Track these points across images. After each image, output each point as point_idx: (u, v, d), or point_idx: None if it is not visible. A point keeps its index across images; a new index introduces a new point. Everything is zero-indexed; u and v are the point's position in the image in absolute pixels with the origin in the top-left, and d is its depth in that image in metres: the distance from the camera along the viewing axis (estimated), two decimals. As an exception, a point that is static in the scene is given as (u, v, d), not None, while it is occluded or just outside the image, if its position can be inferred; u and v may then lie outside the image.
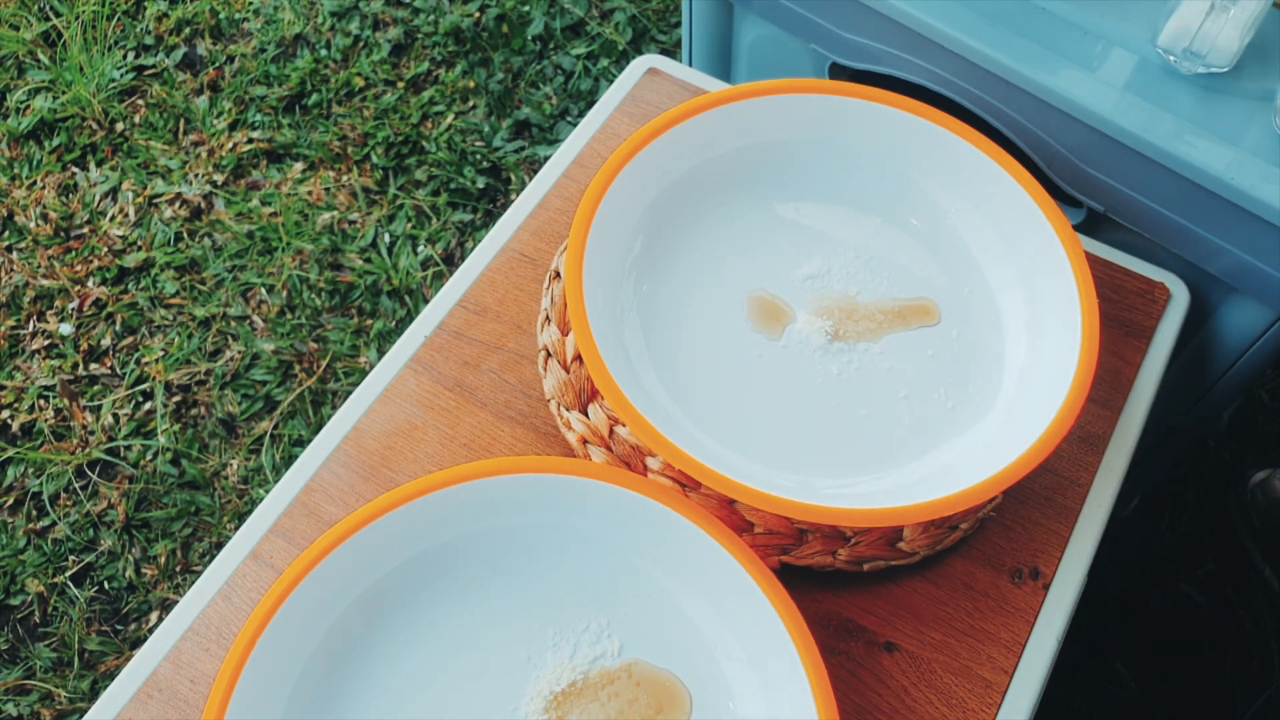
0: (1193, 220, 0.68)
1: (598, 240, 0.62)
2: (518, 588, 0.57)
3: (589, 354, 0.57)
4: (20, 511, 1.27)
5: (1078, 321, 0.59)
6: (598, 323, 0.59)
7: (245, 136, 1.55)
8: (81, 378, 1.37)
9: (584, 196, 0.63)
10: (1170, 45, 0.69)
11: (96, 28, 1.66)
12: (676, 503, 0.55)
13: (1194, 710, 1.12)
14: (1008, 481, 0.54)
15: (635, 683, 0.55)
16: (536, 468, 0.55)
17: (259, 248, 1.45)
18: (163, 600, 1.22)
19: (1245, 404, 1.31)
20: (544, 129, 1.56)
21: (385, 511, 0.54)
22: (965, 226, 0.67)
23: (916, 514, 0.53)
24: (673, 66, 0.78)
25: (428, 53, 1.63)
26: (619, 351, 0.61)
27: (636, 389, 0.59)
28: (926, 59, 0.74)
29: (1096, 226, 0.75)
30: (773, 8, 0.82)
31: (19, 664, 1.19)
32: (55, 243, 1.47)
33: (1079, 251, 0.61)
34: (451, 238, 1.46)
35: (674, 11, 1.65)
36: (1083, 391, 0.57)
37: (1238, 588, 1.18)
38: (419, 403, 0.65)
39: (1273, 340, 0.72)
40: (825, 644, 0.58)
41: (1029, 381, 0.61)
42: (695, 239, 0.67)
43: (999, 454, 0.57)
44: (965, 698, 0.56)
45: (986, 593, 0.59)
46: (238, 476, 1.29)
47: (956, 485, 0.55)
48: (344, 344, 1.38)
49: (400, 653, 0.55)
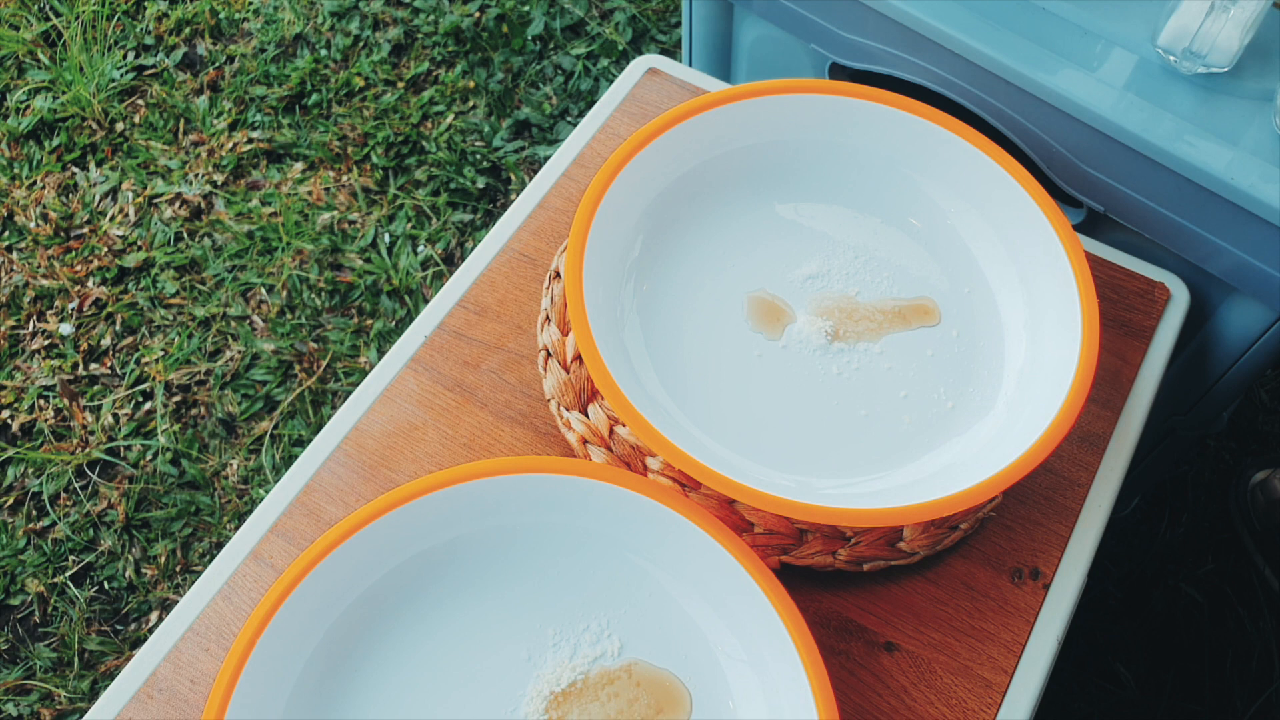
0: (1193, 220, 0.68)
1: (598, 240, 0.62)
2: (517, 588, 0.57)
3: (589, 354, 0.57)
4: (20, 511, 1.27)
5: (1078, 321, 0.59)
6: (598, 323, 0.59)
7: (245, 136, 1.55)
8: (81, 378, 1.37)
9: (584, 196, 0.63)
10: (1170, 45, 0.69)
11: (96, 28, 1.66)
12: (676, 503, 0.55)
13: (1194, 710, 1.12)
14: (1008, 482, 0.54)
15: (635, 683, 0.55)
16: (536, 468, 0.55)
17: (259, 248, 1.45)
18: (163, 600, 1.22)
19: (1245, 404, 1.31)
20: (544, 129, 1.56)
21: (385, 511, 0.54)
22: (965, 227, 0.67)
23: (917, 514, 0.53)
24: (673, 66, 0.78)
25: (428, 53, 1.63)
26: (619, 351, 0.61)
27: (636, 389, 0.59)
28: (926, 59, 0.74)
29: (1096, 226, 0.75)
30: (773, 8, 0.82)
31: (19, 664, 1.19)
32: (55, 243, 1.47)
33: (1079, 251, 0.61)
34: (451, 238, 1.46)
35: (674, 11, 1.65)
36: (1083, 391, 0.57)
37: (1238, 588, 1.18)
38: (419, 403, 0.65)
39: (1273, 340, 0.72)
40: (825, 644, 0.58)
41: (1029, 381, 0.61)
42: (695, 239, 0.67)
43: (999, 454, 0.57)
44: (965, 698, 0.56)
45: (986, 593, 0.59)
46: (238, 476, 1.29)
47: (956, 485, 0.55)
48: (344, 344, 1.38)
49: (400, 653, 0.55)
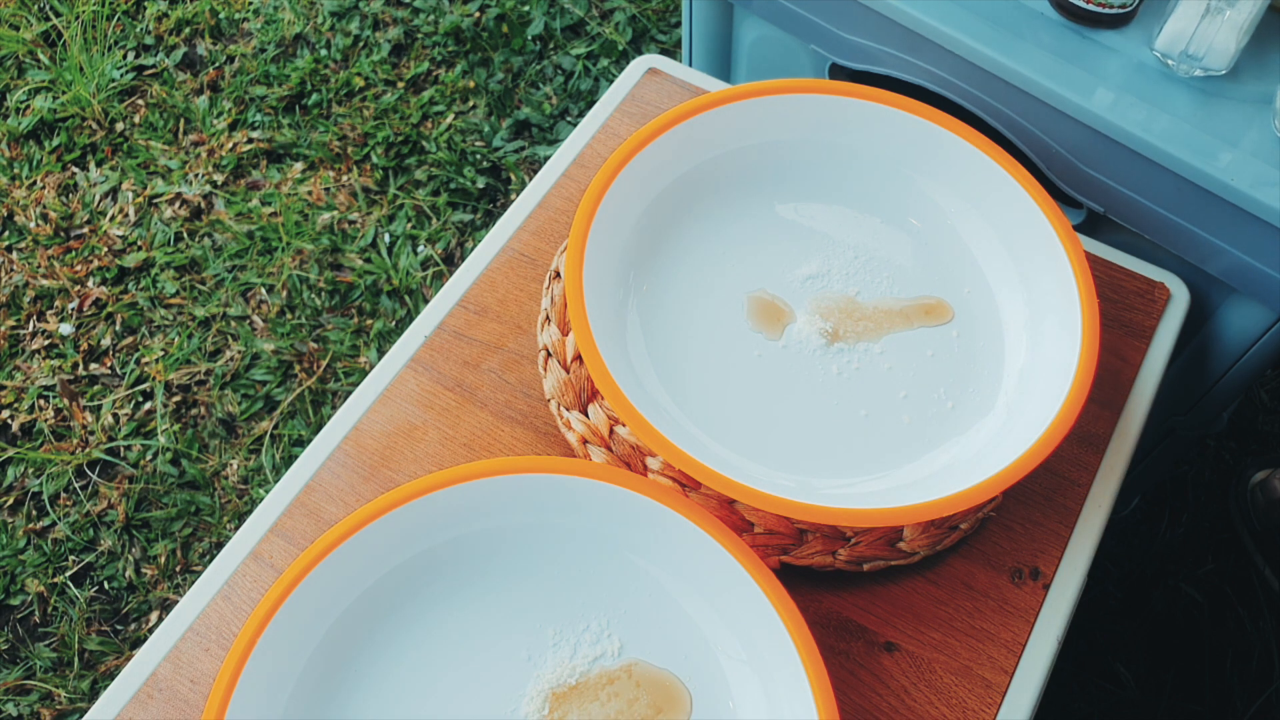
0: (1193, 221, 0.68)
1: (598, 240, 0.62)
2: (517, 588, 0.57)
3: (589, 354, 0.57)
4: (20, 511, 1.27)
5: (1078, 322, 0.59)
6: (598, 323, 0.59)
7: (245, 136, 1.55)
8: (81, 378, 1.37)
9: (584, 197, 0.63)
10: (1167, 49, 0.69)
11: (96, 28, 1.66)
12: (676, 503, 0.55)
13: (1194, 710, 1.12)
14: (1008, 482, 0.55)
15: (635, 683, 0.55)
16: (536, 468, 0.55)
17: (259, 248, 1.45)
18: (163, 600, 1.22)
19: (1245, 404, 1.31)
20: (544, 129, 1.56)
21: (385, 512, 0.54)
22: (965, 226, 0.67)
23: (916, 514, 0.53)
24: (673, 66, 0.78)
25: (428, 53, 1.63)
26: (619, 351, 0.61)
27: (636, 389, 0.59)
28: (926, 59, 0.74)
29: (1096, 227, 0.75)
30: (773, 8, 0.82)
31: (19, 664, 1.19)
32: (55, 243, 1.47)
33: (1079, 251, 0.61)
34: (451, 238, 1.46)
35: (674, 11, 1.65)
36: (1083, 392, 0.57)
37: (1238, 588, 1.18)
38: (419, 403, 0.65)
39: (1272, 340, 0.72)
40: (825, 644, 0.58)
41: (1029, 381, 0.61)
42: (695, 239, 0.67)
43: (999, 454, 0.57)
44: (965, 698, 0.56)
45: (986, 593, 0.59)
46: (238, 476, 1.29)
47: (956, 485, 0.55)
48: (344, 344, 1.38)
49: (400, 652, 0.55)
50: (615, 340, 0.61)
